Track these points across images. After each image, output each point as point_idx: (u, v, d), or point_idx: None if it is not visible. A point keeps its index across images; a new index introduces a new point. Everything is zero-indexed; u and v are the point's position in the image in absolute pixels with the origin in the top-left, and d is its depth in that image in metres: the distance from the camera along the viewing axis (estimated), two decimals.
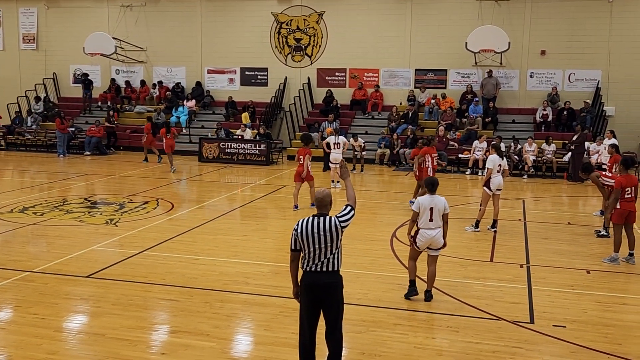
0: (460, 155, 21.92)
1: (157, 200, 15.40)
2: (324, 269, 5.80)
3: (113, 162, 22.92)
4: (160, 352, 6.72)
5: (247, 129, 24.11)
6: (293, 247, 5.94)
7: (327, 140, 18.47)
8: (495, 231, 12.41)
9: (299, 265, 5.95)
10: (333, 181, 17.88)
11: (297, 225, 5.88)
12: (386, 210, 15.10)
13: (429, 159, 14.36)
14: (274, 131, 26.23)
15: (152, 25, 27.99)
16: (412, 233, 8.38)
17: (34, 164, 22.69)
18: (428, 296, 8.34)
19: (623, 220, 10.39)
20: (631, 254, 10.47)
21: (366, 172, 21.14)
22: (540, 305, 8.22)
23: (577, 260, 10.57)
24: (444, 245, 8.40)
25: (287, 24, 26.81)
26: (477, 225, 12.50)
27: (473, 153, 21.35)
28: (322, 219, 5.83)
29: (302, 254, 5.90)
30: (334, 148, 17.96)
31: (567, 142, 21.47)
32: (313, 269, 5.81)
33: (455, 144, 22.46)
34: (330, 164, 18.30)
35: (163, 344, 6.98)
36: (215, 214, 13.83)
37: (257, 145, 23.01)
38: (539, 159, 21.15)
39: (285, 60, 27.05)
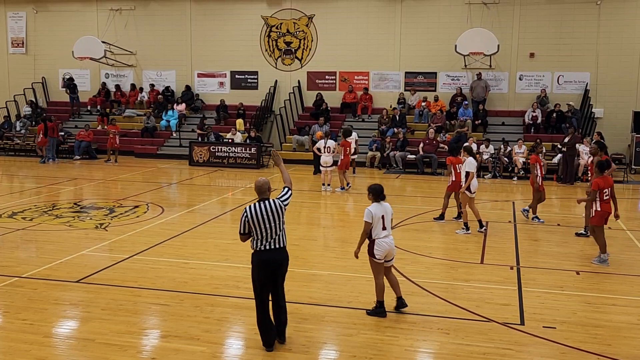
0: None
1: (147, 204, 15.35)
2: (276, 245, 6.72)
3: (102, 167, 22.83)
4: (150, 357, 6.69)
5: (238, 132, 24.08)
6: (242, 231, 6.78)
7: (318, 145, 18.48)
8: (485, 230, 12.45)
9: (250, 247, 6.79)
10: (324, 184, 17.89)
11: (246, 210, 6.72)
12: None
13: (538, 167, 13.60)
14: (265, 134, 26.23)
15: (142, 29, 27.93)
16: (363, 246, 7.83)
17: (23, 169, 22.56)
18: (401, 303, 7.94)
19: (603, 221, 10.50)
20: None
21: (357, 175, 21.15)
22: (530, 306, 8.25)
23: (567, 261, 10.62)
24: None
25: (277, 27, 26.83)
26: (467, 227, 12.53)
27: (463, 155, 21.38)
28: (266, 202, 6.74)
29: (252, 236, 6.73)
30: (324, 151, 18.00)
31: (556, 144, 21.59)
32: (267, 247, 6.69)
33: (446, 147, 22.50)
34: (320, 167, 18.34)
35: (153, 348, 6.95)
36: (206, 217, 13.80)
37: (248, 148, 23.00)
38: (529, 161, 21.22)
39: (276, 63, 27.06)
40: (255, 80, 27.31)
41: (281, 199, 6.82)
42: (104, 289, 8.78)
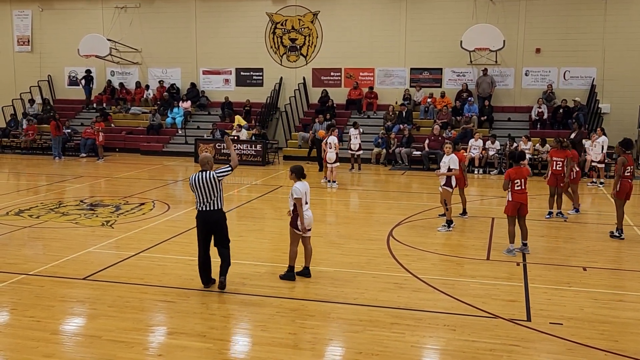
0: None
1: (153, 201, 15.38)
2: (211, 207, 8.44)
3: (108, 164, 22.89)
4: (157, 354, 6.70)
5: (243, 130, 24.08)
6: (192, 191, 8.55)
7: (329, 140, 18.28)
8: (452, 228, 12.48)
9: (195, 207, 8.57)
10: (329, 181, 17.88)
11: (191, 177, 8.52)
12: (382, 209, 15.10)
13: (550, 162, 13.89)
14: (270, 131, 26.23)
15: (147, 26, 27.96)
16: (287, 218, 9.12)
17: (30, 167, 22.64)
18: (307, 273, 9.12)
19: (516, 212, 10.51)
20: (525, 244, 10.67)
21: (363, 172, 21.13)
22: (537, 302, 8.22)
23: (574, 257, 10.59)
24: None
25: (282, 24, 26.81)
26: (450, 224, 12.48)
27: (469, 151, 21.34)
28: (204, 173, 8.45)
29: (196, 199, 8.47)
30: (329, 148, 17.99)
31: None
32: (204, 208, 8.45)
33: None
34: (327, 164, 18.29)
35: (160, 345, 6.97)
36: None
37: (254, 145, 23.00)
38: (535, 157, 21.17)
39: (281, 60, 27.05)
40: (261, 77, 27.31)
41: (217, 172, 8.42)
42: (110, 286, 8.80)
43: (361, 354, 6.64)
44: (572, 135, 20.21)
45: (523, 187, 10.47)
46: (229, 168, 8.51)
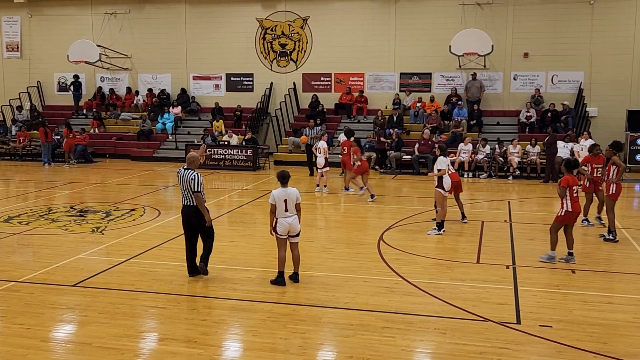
0: None
1: (143, 207, 15.34)
2: (187, 203, 9.15)
3: (99, 170, 22.81)
4: None
5: (234, 135, 24.07)
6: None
7: (318, 145, 18.37)
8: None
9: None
10: (318, 185, 17.90)
11: (179, 170, 9.20)
12: (373, 213, 15.13)
13: (589, 168, 13.31)
14: (261, 136, 26.25)
15: (137, 32, 27.92)
16: (273, 224, 9.02)
17: (19, 173, 22.52)
18: (295, 278, 9.17)
19: (572, 221, 10.41)
20: (571, 254, 10.49)
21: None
22: (527, 305, 8.27)
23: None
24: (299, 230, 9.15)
25: (271, 30, 26.86)
26: (440, 227, 12.51)
27: (458, 155, 21.46)
28: (187, 170, 9.12)
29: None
30: (319, 153, 18.04)
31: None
32: (185, 203, 9.20)
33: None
34: (317, 169, 18.32)
35: (151, 351, 6.95)
36: None
37: (244, 150, 23.01)
38: (524, 160, 21.30)
39: (271, 65, 27.08)
40: (251, 83, 27.33)
41: (194, 179, 8.99)
42: (100, 293, 8.78)
43: (352, 358, 6.66)
44: (546, 139, 20.38)
45: (578, 195, 10.39)
46: (199, 191, 9.03)
